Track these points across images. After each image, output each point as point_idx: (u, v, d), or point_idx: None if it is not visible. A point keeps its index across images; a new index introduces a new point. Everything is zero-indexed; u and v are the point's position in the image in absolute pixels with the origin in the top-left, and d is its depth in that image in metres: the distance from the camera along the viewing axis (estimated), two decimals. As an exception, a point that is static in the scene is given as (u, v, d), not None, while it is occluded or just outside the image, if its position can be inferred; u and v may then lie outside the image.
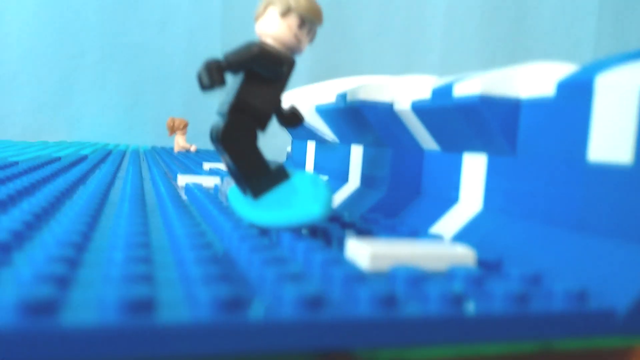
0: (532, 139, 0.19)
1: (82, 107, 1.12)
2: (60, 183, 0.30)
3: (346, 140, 0.30)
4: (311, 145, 0.37)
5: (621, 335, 0.13)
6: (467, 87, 0.20)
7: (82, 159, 0.54)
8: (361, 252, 0.15)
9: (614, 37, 1.35)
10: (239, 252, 0.16)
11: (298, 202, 0.18)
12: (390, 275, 0.14)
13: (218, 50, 1.18)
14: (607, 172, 0.16)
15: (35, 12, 1.08)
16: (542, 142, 0.18)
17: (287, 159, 0.65)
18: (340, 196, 0.29)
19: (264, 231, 0.20)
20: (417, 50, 1.27)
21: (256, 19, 0.22)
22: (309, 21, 0.21)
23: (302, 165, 0.40)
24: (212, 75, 0.19)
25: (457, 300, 0.12)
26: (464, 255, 0.15)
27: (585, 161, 0.16)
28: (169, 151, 0.92)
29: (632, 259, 0.14)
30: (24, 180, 0.29)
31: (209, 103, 1.23)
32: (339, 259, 0.14)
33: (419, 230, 0.21)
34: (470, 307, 0.12)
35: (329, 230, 0.19)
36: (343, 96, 0.26)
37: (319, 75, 1.27)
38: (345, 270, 0.13)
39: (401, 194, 0.26)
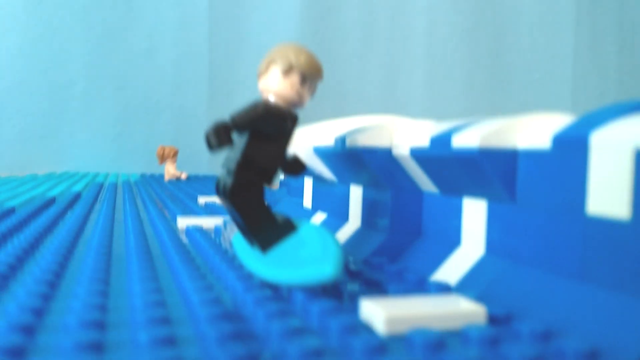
0: (531, 188, 0.19)
1: (70, 138, 1.12)
2: (63, 235, 0.30)
3: (345, 180, 0.31)
4: (308, 182, 0.38)
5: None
6: (466, 138, 0.20)
7: (76, 197, 0.54)
8: (376, 315, 0.15)
9: (591, 49, 1.38)
10: (254, 315, 0.17)
11: (308, 260, 0.19)
12: (408, 342, 0.14)
13: (205, 77, 1.19)
14: (606, 226, 0.16)
15: (21, 44, 1.08)
16: (542, 192, 0.19)
17: (280, 186, 0.65)
18: (341, 236, 0.29)
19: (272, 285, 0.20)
20: (400, 68, 1.29)
21: (259, 76, 0.22)
22: (310, 78, 0.22)
23: (299, 199, 0.40)
24: (220, 136, 0.20)
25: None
26: (475, 312, 0.16)
27: (584, 214, 0.17)
28: (159, 180, 0.92)
29: (634, 313, 0.15)
30: (27, 235, 0.29)
31: (197, 130, 1.24)
32: (356, 325, 0.15)
33: (424, 278, 0.21)
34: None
35: (339, 285, 0.20)
36: (342, 140, 0.27)
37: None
38: (365, 341, 0.13)
39: (402, 236, 0.26)
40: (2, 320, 0.15)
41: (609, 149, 0.16)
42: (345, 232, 0.30)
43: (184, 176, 0.94)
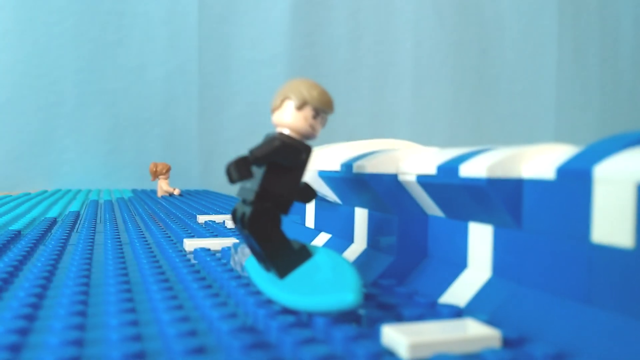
0: (537, 216, 0.20)
1: (61, 155, 1.12)
2: (77, 259, 0.30)
3: (349, 203, 0.32)
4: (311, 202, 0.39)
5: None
6: (473, 168, 0.21)
7: (76, 217, 0.54)
8: (399, 341, 0.16)
9: (574, 62, 1.41)
10: (281, 342, 0.18)
11: (329, 287, 0.20)
12: (431, 366, 0.15)
13: (195, 93, 1.20)
14: (611, 253, 0.17)
15: (12, 61, 1.08)
16: (547, 220, 0.20)
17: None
18: (348, 257, 0.30)
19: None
20: (387, 83, 1.32)
21: (273, 110, 0.23)
22: (322, 111, 0.23)
23: (301, 218, 0.41)
24: (241, 170, 0.21)
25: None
26: (491, 336, 0.17)
27: (589, 241, 0.18)
28: (152, 196, 0.92)
29: (633, 335, 0.16)
30: (42, 262, 0.30)
31: (187, 146, 1.24)
32: (381, 352, 0.16)
33: (435, 301, 0.22)
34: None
35: (356, 309, 0.21)
36: (349, 166, 0.28)
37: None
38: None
39: (409, 258, 0.27)
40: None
41: (611, 182, 0.17)
42: (351, 253, 0.31)
43: (177, 192, 0.94)
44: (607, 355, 0.16)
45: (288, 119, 0.23)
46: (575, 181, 0.19)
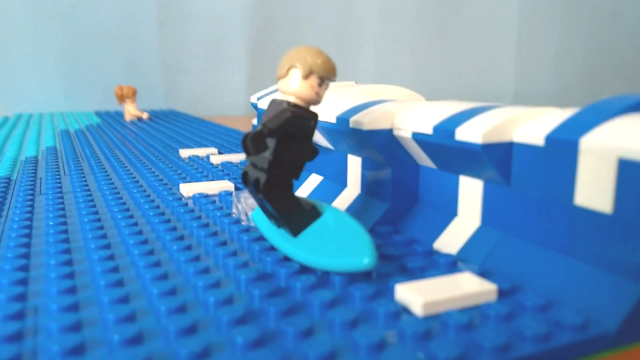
0: (525, 176, 0.23)
1: (17, 78, 1.08)
2: (85, 220, 0.31)
3: (343, 150, 0.33)
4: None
5: (612, 349, 0.18)
6: (469, 133, 0.23)
7: (56, 155, 0.54)
8: (413, 300, 0.19)
9: (535, 15, 1.42)
10: (305, 302, 0.20)
11: (345, 250, 0.22)
12: (444, 322, 0.18)
13: (154, 7, 1.15)
14: (591, 216, 0.20)
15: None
16: (534, 181, 0.22)
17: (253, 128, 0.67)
18: (343, 201, 0.33)
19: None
20: (352, 25, 1.31)
21: (278, 78, 0.24)
22: (327, 78, 0.24)
23: None
24: (258, 144, 0.22)
25: (505, 347, 0.16)
26: (489, 290, 0.20)
27: (572, 203, 0.21)
28: (120, 121, 0.91)
29: (613, 287, 0.19)
30: (52, 214, 0.31)
31: (149, 64, 1.20)
32: (398, 310, 0.19)
33: (432, 250, 0.25)
34: (515, 351, 0.17)
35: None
36: (344, 120, 0.30)
37: (258, 27, 1.26)
38: (415, 328, 0.17)
39: (403, 205, 0.30)
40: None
41: (595, 155, 0.20)
42: (345, 198, 0.33)
43: (145, 116, 0.93)
44: (584, 301, 0.19)
45: (295, 87, 0.24)
46: (562, 150, 0.21)
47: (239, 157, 0.51)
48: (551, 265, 0.21)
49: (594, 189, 0.20)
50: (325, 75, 0.24)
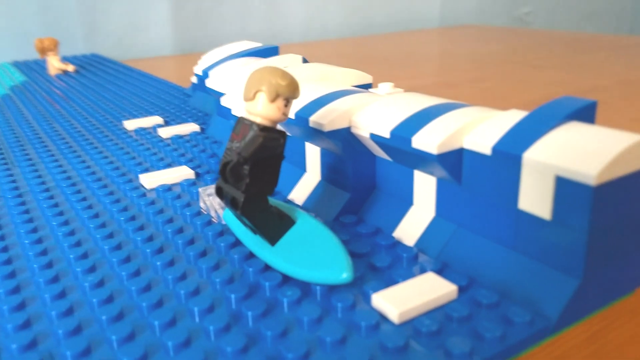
0: (475, 179, 0.26)
1: None
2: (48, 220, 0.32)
3: (300, 138, 0.35)
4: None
5: (553, 335, 0.22)
6: (425, 143, 0.26)
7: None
8: (390, 310, 0.22)
9: None
10: (293, 317, 0.23)
11: (322, 262, 0.24)
12: (417, 330, 0.21)
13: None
14: (533, 219, 0.23)
15: None
16: (483, 183, 0.25)
17: (193, 89, 0.66)
18: (305, 188, 0.35)
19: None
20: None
21: (245, 100, 0.25)
22: (292, 98, 0.25)
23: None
24: (237, 174, 0.24)
25: (470, 353, 0.20)
26: (452, 291, 0.23)
27: (516, 207, 0.24)
28: (44, 76, 0.87)
29: (554, 280, 0.23)
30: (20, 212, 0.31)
31: (67, 8, 1.13)
32: (379, 320, 0.22)
33: (394, 242, 0.28)
34: (478, 356, 0.20)
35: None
36: (303, 119, 0.31)
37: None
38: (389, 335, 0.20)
39: (363, 193, 0.32)
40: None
41: (536, 170, 0.23)
42: (307, 184, 0.35)
43: (71, 68, 0.89)
44: (529, 292, 0.23)
45: (261, 109, 0.25)
46: (507, 161, 0.24)
47: (186, 129, 0.51)
48: (500, 258, 0.25)
49: (535, 198, 0.23)
50: (291, 96, 0.25)
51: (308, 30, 1.38)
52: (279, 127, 0.29)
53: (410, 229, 0.29)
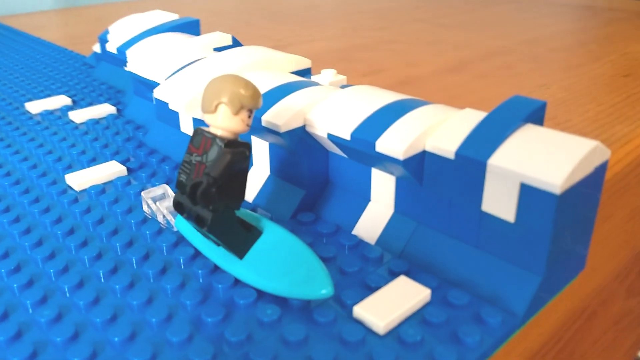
0: (437, 180, 0.26)
1: None
2: None
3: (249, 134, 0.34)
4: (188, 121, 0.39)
5: (518, 329, 0.24)
6: (390, 148, 0.26)
7: None
8: (373, 321, 0.23)
9: None
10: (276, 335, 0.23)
11: (303, 279, 0.24)
12: (402, 340, 0.22)
13: None
14: (497, 221, 0.25)
15: None
16: (446, 185, 0.26)
17: (96, 59, 0.60)
18: (256, 184, 0.34)
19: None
20: None
21: (204, 112, 0.24)
22: (255, 108, 0.24)
23: (175, 128, 0.40)
24: (208, 196, 0.23)
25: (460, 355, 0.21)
26: (426, 294, 0.24)
27: (480, 208, 0.25)
28: None
29: (518, 277, 0.24)
30: None
31: None
32: (366, 333, 0.22)
33: (358, 242, 0.28)
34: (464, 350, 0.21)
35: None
36: (256, 119, 0.30)
37: None
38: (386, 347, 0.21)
39: (317, 189, 0.32)
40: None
41: (501, 176, 0.24)
42: (257, 180, 0.34)
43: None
44: (496, 289, 0.25)
45: (224, 123, 0.24)
46: (471, 166, 0.25)
47: (100, 111, 0.47)
48: (464, 256, 0.26)
49: (499, 201, 0.24)
50: (255, 106, 0.24)
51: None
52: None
53: (370, 226, 0.30)
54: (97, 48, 0.59)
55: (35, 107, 0.48)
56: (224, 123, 0.24)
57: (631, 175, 0.40)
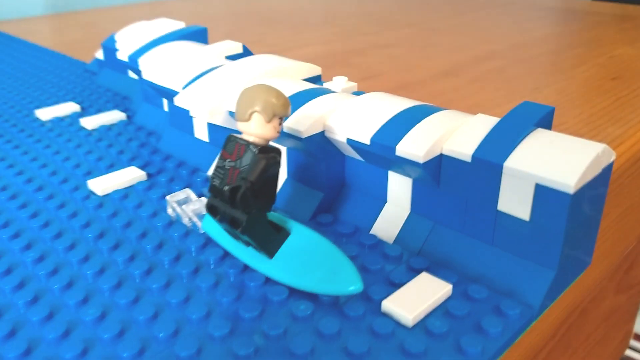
0: (454, 182, 0.28)
1: None
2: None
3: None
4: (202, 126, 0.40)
5: (534, 320, 0.26)
6: (410, 151, 0.27)
7: None
8: (401, 314, 0.24)
9: None
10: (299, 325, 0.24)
11: (333, 275, 0.25)
12: (429, 331, 0.24)
13: None
14: (512, 220, 0.27)
15: None
16: (461, 186, 0.28)
17: (98, 66, 0.61)
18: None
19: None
20: None
21: (239, 120, 0.25)
22: (286, 116, 0.26)
23: (189, 134, 0.41)
24: (247, 200, 0.24)
25: (482, 352, 0.23)
26: (448, 289, 0.26)
27: (496, 208, 0.27)
28: None
29: (533, 273, 0.26)
30: None
31: None
32: (395, 326, 0.24)
33: (377, 241, 0.30)
34: (488, 352, 0.23)
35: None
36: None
37: None
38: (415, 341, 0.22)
39: (334, 191, 0.33)
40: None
41: (517, 177, 0.25)
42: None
43: None
44: (512, 284, 0.26)
45: (258, 130, 0.25)
46: (487, 168, 0.26)
47: (111, 117, 0.48)
48: (481, 253, 0.28)
49: (514, 201, 0.26)
50: (285, 115, 0.26)
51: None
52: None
53: (387, 226, 0.31)
54: (99, 55, 0.60)
55: (45, 114, 0.49)
56: (257, 130, 0.25)
57: (624, 175, 0.43)
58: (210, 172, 0.38)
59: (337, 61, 0.70)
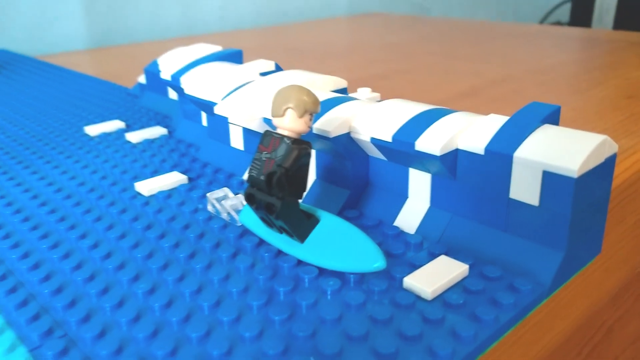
0: (469, 174, 0.31)
1: None
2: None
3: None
4: (238, 136, 0.44)
5: (546, 298, 0.28)
6: (428, 146, 0.30)
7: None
8: (423, 289, 0.27)
9: None
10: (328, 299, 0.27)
11: (360, 254, 0.28)
12: (447, 303, 0.26)
13: None
14: (523, 206, 0.29)
15: None
16: (477, 178, 0.30)
17: (140, 90, 0.66)
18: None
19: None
20: None
21: (274, 115, 0.29)
22: (316, 113, 0.29)
23: (225, 144, 0.45)
24: (282, 184, 0.27)
25: (496, 318, 0.25)
26: (465, 269, 0.28)
27: (508, 196, 0.29)
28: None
29: (543, 255, 0.28)
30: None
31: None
32: (416, 302, 0.26)
33: (399, 232, 0.33)
34: (502, 318, 0.25)
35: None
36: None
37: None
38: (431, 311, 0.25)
39: (359, 190, 0.36)
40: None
41: (526, 166, 0.28)
42: (302, 184, 0.38)
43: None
44: (524, 266, 0.29)
45: (291, 124, 0.28)
46: (499, 159, 0.29)
47: (154, 132, 0.52)
48: (495, 239, 0.30)
49: (524, 188, 0.29)
50: (315, 111, 0.29)
51: (223, 20, 1.38)
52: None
53: (409, 219, 0.34)
54: (141, 79, 0.65)
55: (93, 130, 0.53)
56: (291, 124, 0.28)
57: (639, 182, 0.44)
58: (246, 176, 0.41)
59: (361, 84, 0.74)
